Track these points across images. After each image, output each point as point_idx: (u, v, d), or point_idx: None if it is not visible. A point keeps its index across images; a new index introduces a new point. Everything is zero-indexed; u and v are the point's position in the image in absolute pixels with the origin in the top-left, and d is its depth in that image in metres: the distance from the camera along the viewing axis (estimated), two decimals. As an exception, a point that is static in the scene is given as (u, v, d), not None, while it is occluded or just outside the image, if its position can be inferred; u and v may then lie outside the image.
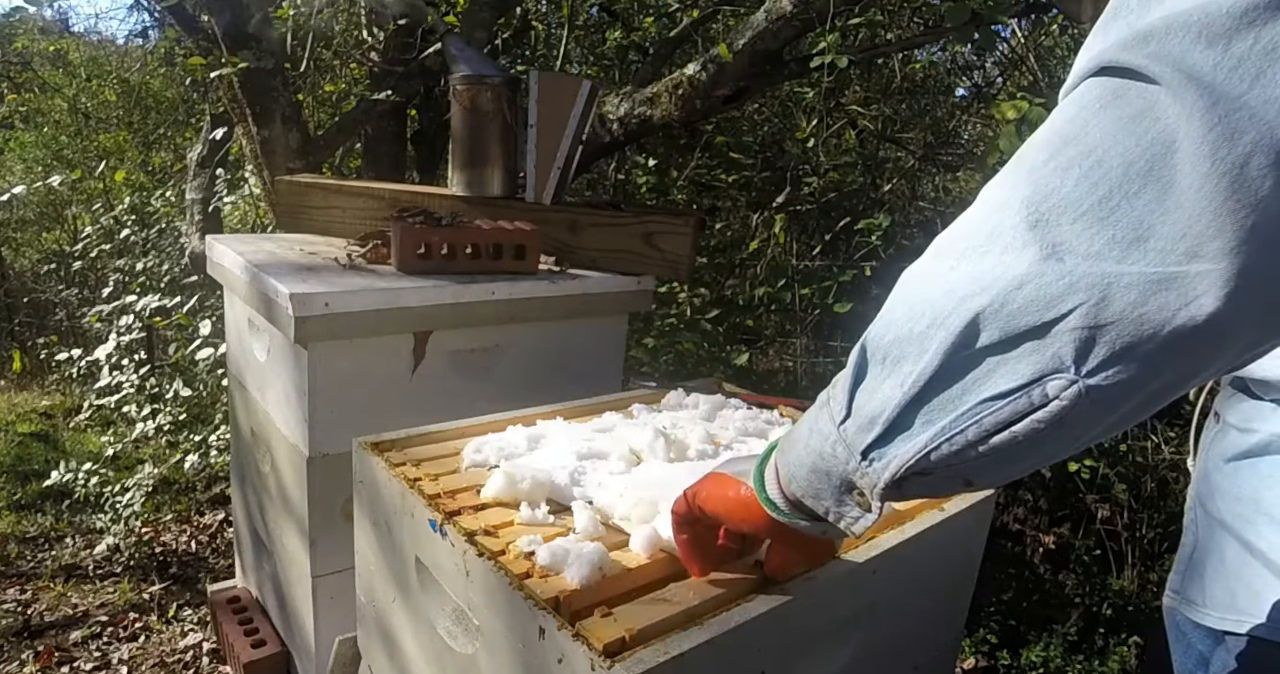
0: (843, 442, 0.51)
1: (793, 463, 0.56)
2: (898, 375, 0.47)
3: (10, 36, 6.23)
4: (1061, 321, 0.42)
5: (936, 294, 0.45)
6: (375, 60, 2.55)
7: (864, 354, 0.50)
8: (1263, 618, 0.72)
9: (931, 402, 0.46)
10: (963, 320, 0.44)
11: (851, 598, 0.84)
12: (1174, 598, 0.82)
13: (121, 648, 2.04)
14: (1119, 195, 0.40)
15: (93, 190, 4.65)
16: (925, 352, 0.46)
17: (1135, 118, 0.40)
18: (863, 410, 0.49)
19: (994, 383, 0.44)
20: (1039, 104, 1.77)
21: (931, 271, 0.47)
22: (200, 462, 2.63)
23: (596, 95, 1.69)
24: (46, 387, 4.40)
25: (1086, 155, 0.41)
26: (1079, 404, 0.42)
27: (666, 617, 0.70)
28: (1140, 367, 0.42)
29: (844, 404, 0.51)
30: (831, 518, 0.55)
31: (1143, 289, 0.40)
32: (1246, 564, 0.73)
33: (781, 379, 3.69)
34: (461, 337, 1.43)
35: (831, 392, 0.53)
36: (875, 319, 0.50)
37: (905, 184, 4.12)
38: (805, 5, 2.00)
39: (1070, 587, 2.40)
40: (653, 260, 1.62)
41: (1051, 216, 0.42)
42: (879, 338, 0.49)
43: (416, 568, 0.92)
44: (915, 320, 0.46)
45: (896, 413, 0.47)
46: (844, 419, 0.51)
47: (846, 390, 0.51)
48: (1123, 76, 0.41)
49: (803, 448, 0.55)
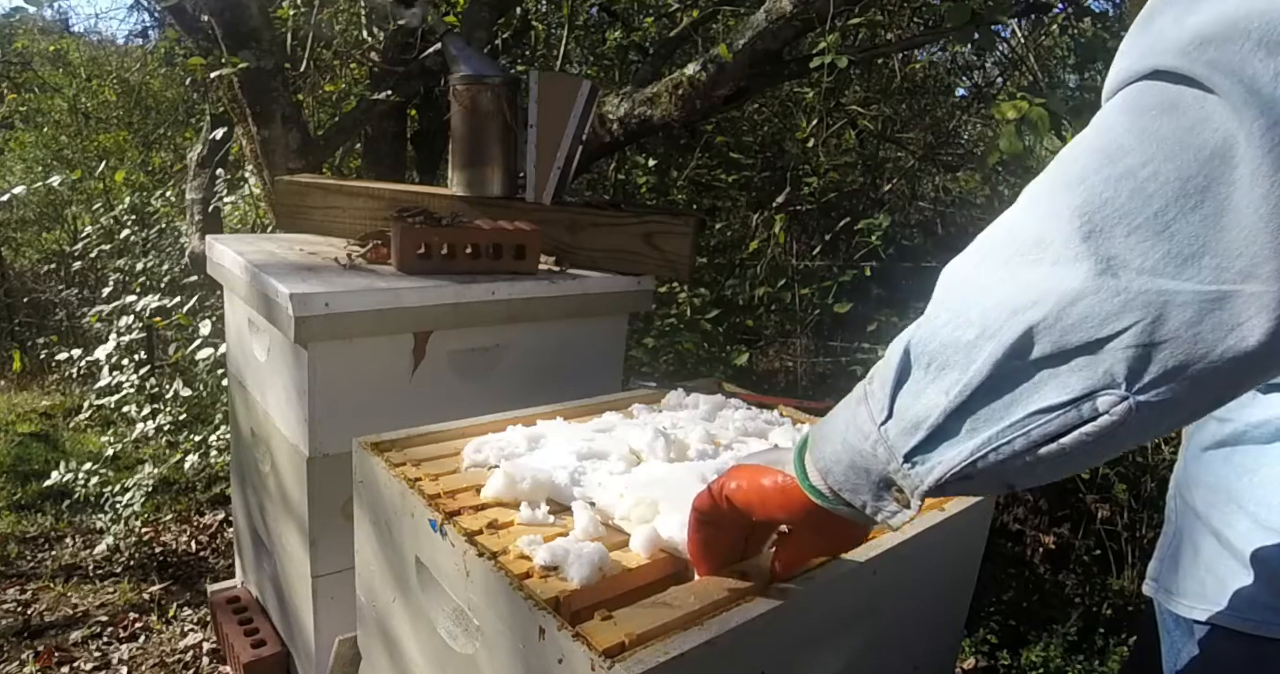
0: (884, 442, 0.50)
1: (828, 457, 0.56)
2: (943, 382, 0.47)
3: (10, 36, 6.23)
4: (1116, 338, 0.41)
5: (987, 304, 0.45)
6: (375, 60, 2.55)
7: (907, 356, 0.49)
8: (1230, 607, 0.72)
9: (978, 411, 0.46)
10: (1014, 333, 0.43)
11: (851, 598, 0.84)
12: (1153, 586, 0.82)
13: (121, 648, 2.04)
14: (1175, 209, 0.40)
15: (93, 190, 4.65)
16: (974, 361, 0.45)
17: (1192, 130, 0.39)
18: (906, 414, 0.49)
19: (1044, 396, 0.44)
20: (1039, 104, 1.77)
21: (978, 277, 0.46)
22: (200, 462, 2.63)
23: (596, 95, 1.69)
24: (46, 387, 4.40)
25: (1142, 166, 0.41)
26: (1128, 419, 0.42)
27: (667, 621, 0.70)
28: (1190, 385, 0.41)
29: (885, 405, 0.50)
30: (869, 511, 0.55)
31: (1198, 308, 0.40)
32: (1217, 554, 0.74)
33: (781, 379, 3.69)
34: (461, 336, 1.43)
35: (869, 387, 0.52)
36: (920, 321, 0.49)
37: (905, 184, 4.12)
38: (805, 5, 2.00)
39: (1070, 587, 2.40)
40: (653, 260, 1.62)
41: (1105, 228, 0.41)
42: (925, 342, 0.48)
43: (416, 568, 0.92)
44: (963, 328, 0.46)
45: (942, 420, 0.47)
46: (885, 420, 0.50)
47: (888, 391, 0.50)
48: (1177, 83, 0.40)
49: (839, 443, 0.54)
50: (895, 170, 4.10)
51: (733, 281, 3.29)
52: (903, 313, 2.91)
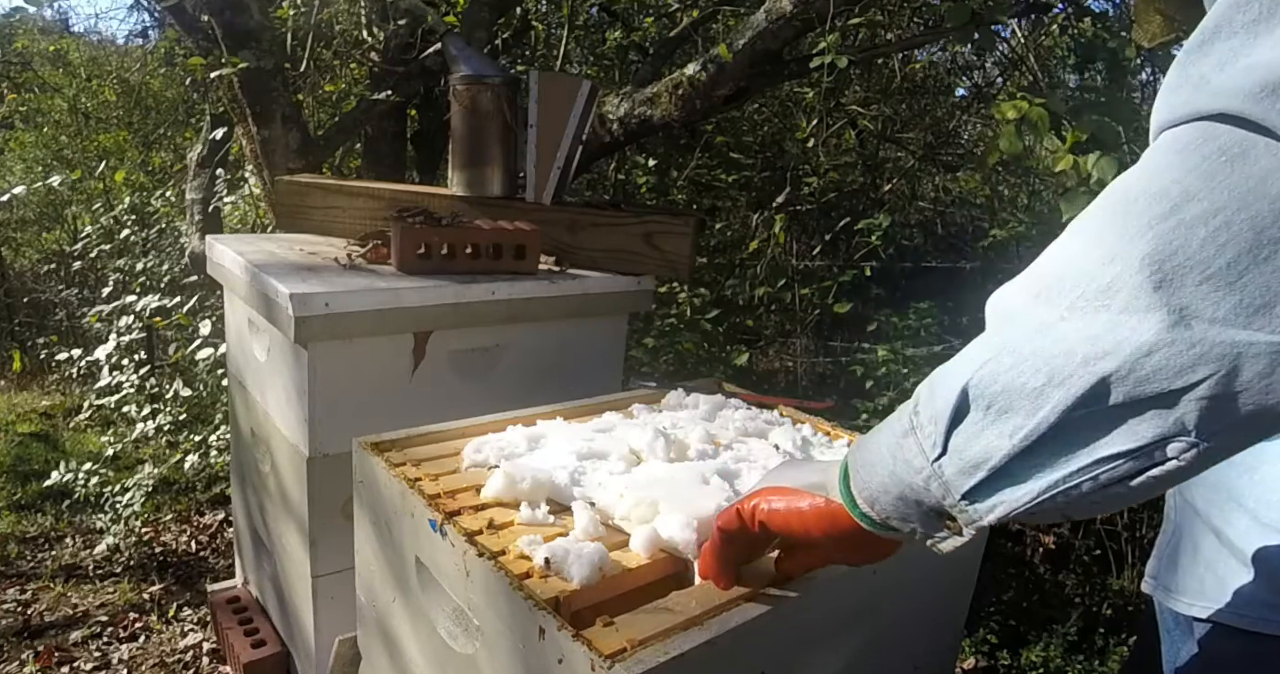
0: (938, 478, 0.50)
1: (874, 487, 0.56)
2: (1005, 425, 0.47)
3: (10, 36, 6.23)
4: (1191, 390, 0.41)
5: (1055, 351, 0.45)
6: (375, 60, 2.55)
7: (965, 396, 0.48)
8: (1229, 604, 0.72)
9: (1044, 456, 0.46)
10: (1086, 384, 0.43)
11: (851, 598, 0.84)
12: (1152, 583, 0.83)
13: (121, 648, 2.04)
14: (1248, 259, 0.40)
15: (93, 190, 4.65)
16: (1040, 408, 0.45)
17: (1265, 179, 0.39)
18: (963, 454, 0.49)
19: (1113, 443, 0.44)
20: (1039, 104, 1.77)
21: (1039, 317, 0.46)
22: (200, 462, 2.63)
23: (596, 95, 1.69)
24: (46, 387, 4.40)
25: (1213, 215, 0.41)
26: (1194, 463, 0.43)
27: (669, 626, 0.70)
28: (1255, 430, 0.43)
29: (938, 441, 0.50)
30: (918, 537, 0.56)
31: (1270, 359, 0.40)
32: (1217, 551, 0.74)
33: (781, 379, 3.70)
34: (461, 336, 1.43)
35: (916, 419, 0.52)
36: (975, 355, 0.49)
37: (905, 184, 4.12)
38: (805, 5, 2.00)
39: (1070, 587, 2.40)
40: (653, 260, 1.62)
41: (1176, 278, 0.41)
42: (985, 384, 0.48)
43: (416, 568, 0.92)
44: (1028, 375, 0.45)
45: (1004, 463, 0.47)
46: (939, 456, 0.50)
47: (942, 429, 0.50)
48: (1244, 128, 0.40)
49: (886, 474, 0.54)
50: (895, 170, 4.10)
51: (733, 281, 3.29)
52: (903, 313, 2.91)
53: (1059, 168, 1.75)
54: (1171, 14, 0.68)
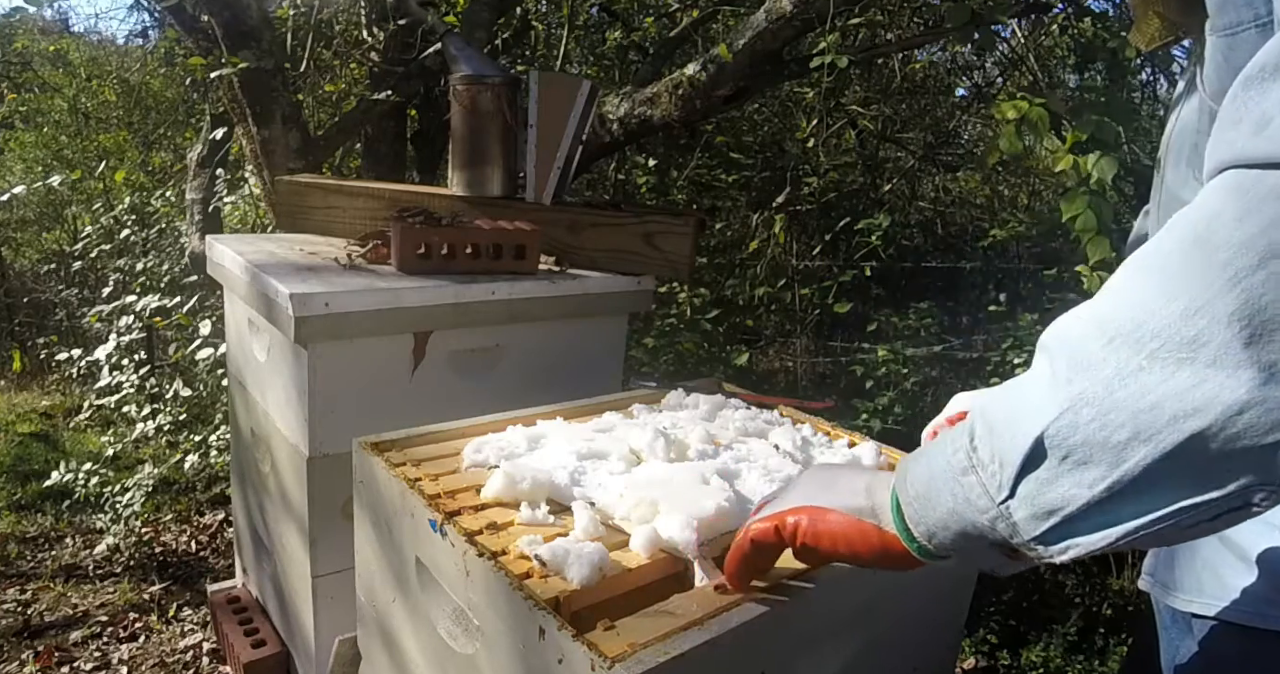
0: (1005, 519, 0.50)
1: (933, 523, 0.56)
2: (1083, 475, 0.47)
3: (10, 36, 6.23)
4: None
5: (1139, 405, 0.44)
6: (375, 60, 2.55)
7: (1040, 445, 0.48)
8: (1227, 601, 0.73)
9: (1124, 504, 0.46)
10: (1174, 441, 0.44)
11: (851, 598, 0.84)
12: (1149, 581, 0.83)
13: (121, 648, 2.04)
14: None
15: (93, 190, 4.65)
16: (1124, 462, 0.45)
17: None
18: (1036, 500, 0.49)
19: (1198, 494, 0.45)
20: (1039, 104, 1.77)
21: (1116, 367, 0.45)
22: (200, 462, 2.63)
23: (596, 95, 1.69)
24: (46, 387, 4.40)
25: None
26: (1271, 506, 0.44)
27: (670, 630, 0.70)
28: None
29: (1004, 484, 0.50)
30: (979, 566, 0.57)
31: None
32: (1216, 550, 0.74)
33: (781, 379, 3.70)
34: (461, 336, 1.43)
35: (976, 456, 0.52)
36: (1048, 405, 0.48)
37: (905, 184, 4.13)
38: (805, 5, 2.00)
39: (1070, 587, 2.40)
40: (653, 260, 1.62)
41: (1265, 334, 0.41)
42: (1063, 436, 0.47)
43: (416, 568, 0.92)
44: (1112, 429, 0.45)
45: (1081, 511, 0.47)
46: (1006, 498, 0.50)
47: (1010, 473, 0.49)
48: None
49: (946, 513, 0.54)
50: (895, 170, 4.10)
51: (733, 281, 3.29)
52: (903, 313, 2.91)
53: (1059, 168, 1.75)
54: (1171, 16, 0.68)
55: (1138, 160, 2.68)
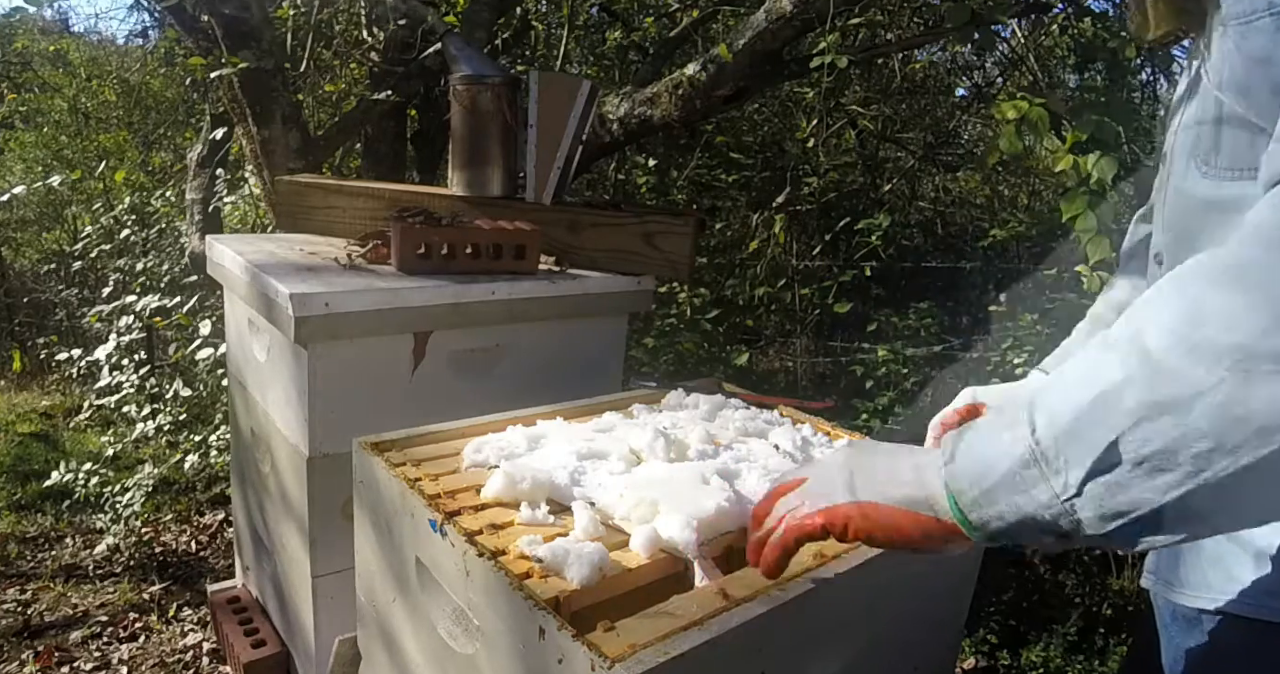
0: (1069, 516, 0.51)
1: (992, 516, 0.56)
2: (1158, 482, 0.47)
3: (10, 36, 6.24)
4: None
5: (1224, 418, 0.44)
6: (375, 60, 2.55)
7: (1114, 450, 0.48)
8: (1234, 595, 0.73)
9: (1198, 508, 0.47)
10: (1259, 454, 0.44)
11: (851, 598, 0.84)
12: (1151, 579, 0.83)
13: (121, 648, 2.04)
14: None
15: (93, 190, 4.65)
16: (1202, 471, 0.45)
17: None
18: (1105, 502, 0.49)
19: (1272, 498, 0.45)
20: (1039, 104, 1.77)
21: (1198, 376, 0.45)
22: (200, 462, 2.63)
23: (596, 95, 1.69)
24: (46, 387, 4.40)
25: None
26: None
27: (670, 630, 0.70)
28: None
29: (1070, 483, 0.50)
30: (1031, 547, 0.57)
31: None
32: (1223, 546, 0.75)
33: (781, 379, 3.70)
34: (461, 336, 1.43)
35: (1038, 449, 0.51)
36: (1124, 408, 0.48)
37: (905, 184, 4.13)
38: (805, 5, 2.00)
39: (1070, 587, 2.40)
40: (653, 260, 1.62)
41: None
42: (1140, 443, 0.47)
43: (416, 568, 0.92)
44: (1193, 440, 0.45)
45: (1151, 513, 0.48)
46: (1073, 496, 0.50)
47: (1080, 474, 0.49)
48: None
49: (1005, 505, 0.54)
50: (895, 170, 4.10)
51: (733, 281, 3.29)
52: (903, 313, 2.91)
53: (1059, 168, 1.75)
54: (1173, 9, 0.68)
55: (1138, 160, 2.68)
